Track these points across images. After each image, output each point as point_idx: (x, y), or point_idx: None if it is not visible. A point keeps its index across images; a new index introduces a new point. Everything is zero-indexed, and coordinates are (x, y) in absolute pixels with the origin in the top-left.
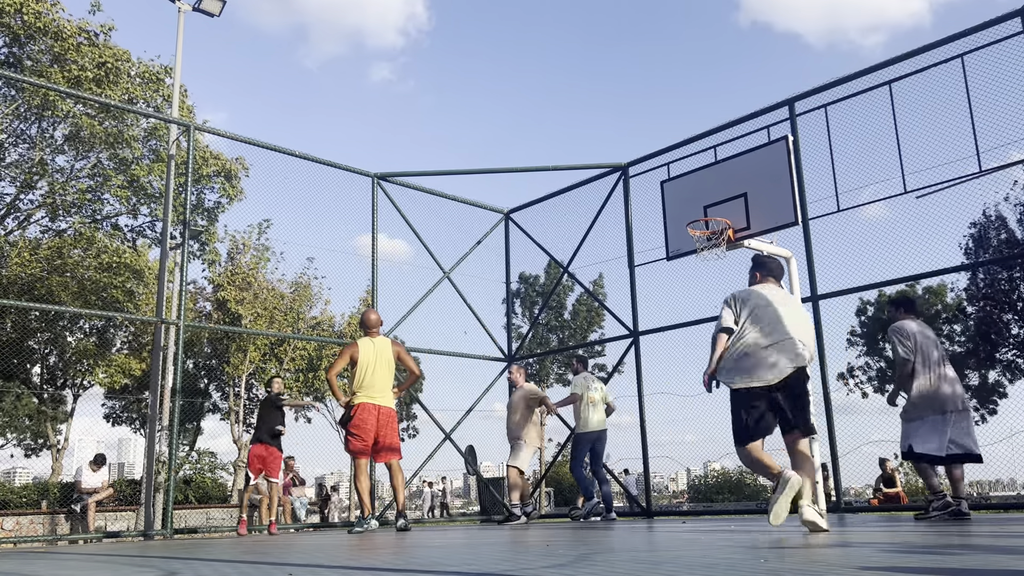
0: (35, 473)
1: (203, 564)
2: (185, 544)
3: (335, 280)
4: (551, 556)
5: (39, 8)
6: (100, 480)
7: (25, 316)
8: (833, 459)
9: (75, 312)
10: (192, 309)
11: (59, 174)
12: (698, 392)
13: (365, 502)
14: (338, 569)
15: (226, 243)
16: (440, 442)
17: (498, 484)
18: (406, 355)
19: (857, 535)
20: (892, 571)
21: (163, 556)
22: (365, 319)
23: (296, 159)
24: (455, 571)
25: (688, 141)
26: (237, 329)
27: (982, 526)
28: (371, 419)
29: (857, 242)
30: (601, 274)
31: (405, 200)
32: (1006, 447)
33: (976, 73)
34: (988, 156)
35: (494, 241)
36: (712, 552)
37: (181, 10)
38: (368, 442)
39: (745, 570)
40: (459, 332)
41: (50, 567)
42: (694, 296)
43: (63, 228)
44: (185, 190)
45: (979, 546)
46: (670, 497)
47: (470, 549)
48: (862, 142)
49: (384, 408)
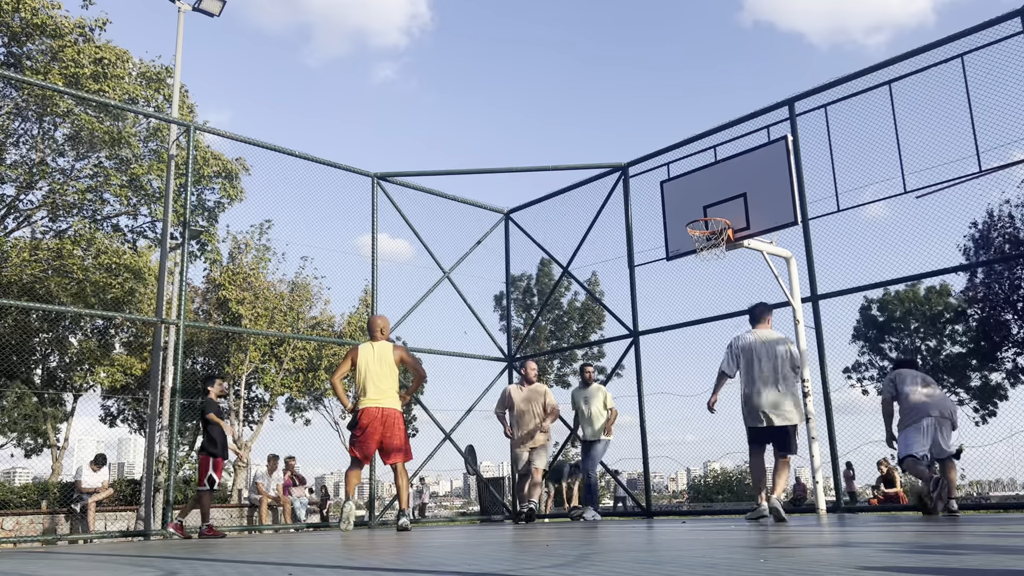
0: (35, 473)
1: (203, 564)
2: (185, 544)
3: (335, 280)
4: (551, 556)
5: (35, 5)
6: (100, 480)
7: (27, 316)
8: (833, 459)
9: (75, 312)
10: (191, 311)
11: (59, 174)
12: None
13: (349, 492)
14: (338, 569)
15: (227, 243)
16: (440, 442)
17: (498, 484)
18: (409, 358)
19: (857, 535)
20: (892, 571)
21: (163, 556)
22: (368, 325)
23: (296, 159)
24: (455, 571)
25: (688, 141)
26: (237, 329)
27: (982, 526)
28: (376, 423)
29: (857, 242)
30: (595, 273)
31: (405, 200)
32: (1006, 447)
33: (976, 73)
34: (988, 156)
35: (494, 241)
36: (712, 552)
37: (181, 10)
38: (369, 451)
39: (745, 570)
40: (459, 332)
41: (50, 567)
42: (694, 296)
43: (63, 228)
44: (185, 190)
45: (979, 546)
46: (670, 497)
47: (470, 549)
48: (862, 142)
49: (388, 410)
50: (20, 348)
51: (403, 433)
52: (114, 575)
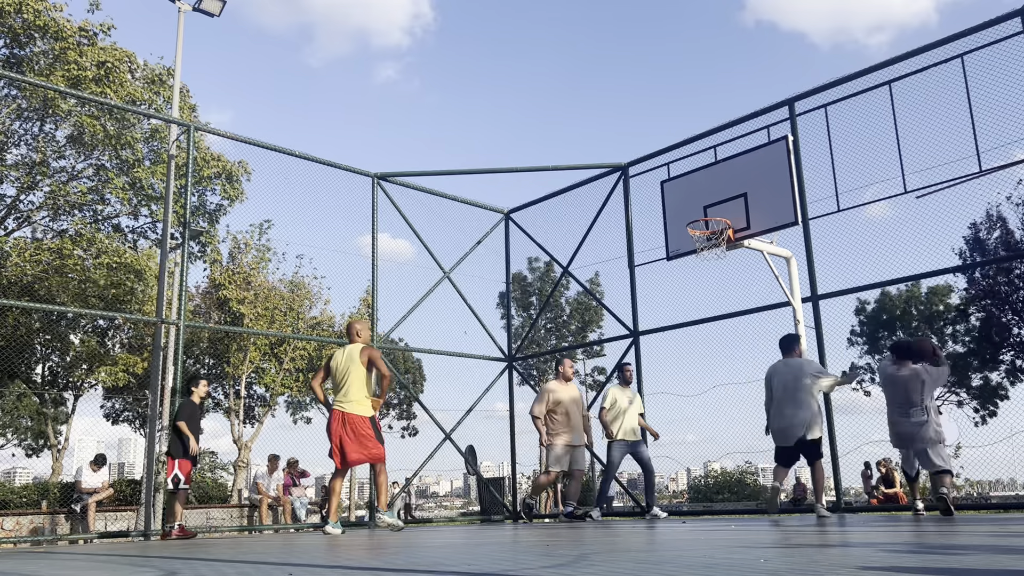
0: (35, 473)
1: (203, 564)
2: (185, 544)
3: (335, 280)
4: (551, 556)
5: (38, 7)
6: (100, 480)
7: (29, 317)
8: (833, 459)
9: (76, 312)
10: (191, 310)
11: (60, 175)
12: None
13: (331, 506)
14: (338, 569)
15: (227, 243)
16: (440, 442)
17: (498, 484)
18: (377, 358)
19: (857, 535)
20: (892, 571)
21: (163, 556)
22: (346, 328)
23: (297, 159)
24: (455, 571)
25: (688, 141)
26: (237, 329)
27: (982, 526)
28: (336, 426)
29: (857, 242)
30: (597, 272)
31: (405, 200)
32: (1006, 447)
33: (976, 73)
34: (988, 156)
35: (494, 241)
36: (712, 552)
37: (181, 10)
38: (336, 455)
39: (745, 570)
40: (459, 332)
41: (50, 567)
42: (694, 296)
43: (64, 228)
44: (185, 191)
45: (979, 546)
46: (670, 497)
47: (470, 549)
48: (862, 142)
49: (350, 415)
50: (21, 348)
51: (366, 437)
52: (114, 575)
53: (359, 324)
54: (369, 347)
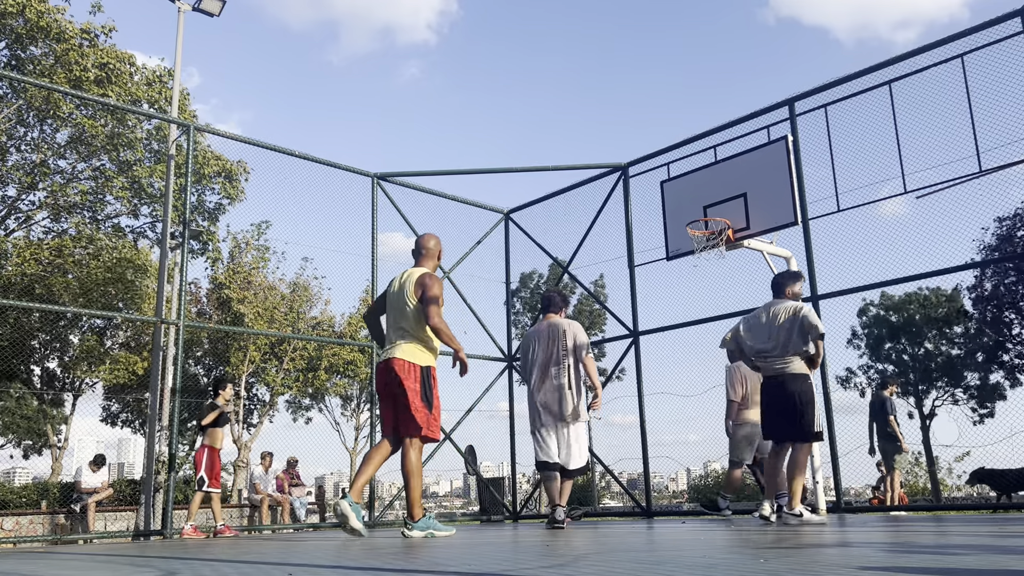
0: (35, 473)
1: (203, 564)
2: (185, 544)
3: (335, 280)
4: (551, 556)
5: (41, 8)
6: (100, 480)
7: (28, 316)
8: (833, 459)
9: (75, 312)
10: (190, 311)
11: (60, 175)
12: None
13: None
14: (338, 569)
15: (227, 243)
16: (440, 442)
17: (498, 484)
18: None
19: (857, 535)
20: (892, 571)
21: (163, 556)
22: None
23: (297, 159)
24: (455, 571)
25: (688, 141)
26: (237, 329)
27: (982, 526)
28: (379, 384)
29: (857, 242)
30: (602, 274)
31: (405, 200)
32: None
33: (976, 73)
34: (988, 156)
35: (494, 241)
36: (712, 552)
37: (181, 10)
38: (384, 419)
39: (745, 570)
40: (459, 332)
41: (50, 567)
42: (694, 296)
43: (64, 228)
44: (185, 191)
45: (979, 546)
46: (670, 497)
47: (470, 549)
48: (862, 142)
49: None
50: (20, 348)
51: (409, 393)
52: (114, 575)
53: (431, 241)
54: (425, 274)
